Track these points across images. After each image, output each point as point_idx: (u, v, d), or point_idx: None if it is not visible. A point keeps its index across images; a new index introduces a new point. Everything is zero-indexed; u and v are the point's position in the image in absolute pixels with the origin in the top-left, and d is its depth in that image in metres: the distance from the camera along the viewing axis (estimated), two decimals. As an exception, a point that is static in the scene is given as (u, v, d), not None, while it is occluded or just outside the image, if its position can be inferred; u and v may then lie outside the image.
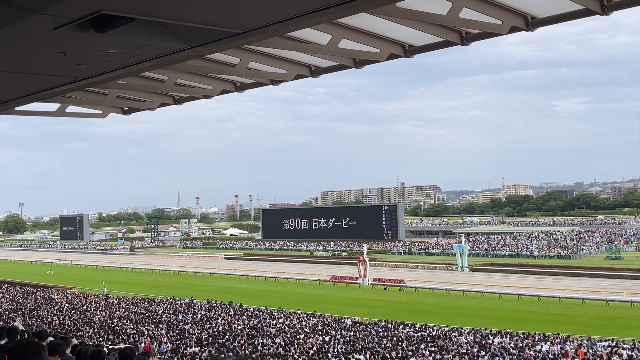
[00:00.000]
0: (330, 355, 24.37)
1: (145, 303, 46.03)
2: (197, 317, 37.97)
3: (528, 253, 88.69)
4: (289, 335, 29.88)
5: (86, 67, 7.96)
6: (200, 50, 7.37)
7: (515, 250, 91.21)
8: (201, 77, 11.55)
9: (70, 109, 12.90)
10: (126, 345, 19.63)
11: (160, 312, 40.57)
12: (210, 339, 28.35)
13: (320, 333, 30.98)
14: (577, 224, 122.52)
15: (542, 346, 27.04)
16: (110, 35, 6.07)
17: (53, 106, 12.66)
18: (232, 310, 40.93)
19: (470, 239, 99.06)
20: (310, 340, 28.27)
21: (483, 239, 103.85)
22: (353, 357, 23.77)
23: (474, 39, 8.96)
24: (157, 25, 6.20)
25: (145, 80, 11.53)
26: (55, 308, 43.61)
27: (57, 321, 35.29)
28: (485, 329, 32.49)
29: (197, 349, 25.02)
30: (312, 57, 10.32)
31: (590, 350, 26.41)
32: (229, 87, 11.99)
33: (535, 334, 30.95)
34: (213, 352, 24.51)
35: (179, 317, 37.64)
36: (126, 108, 13.62)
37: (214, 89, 11.97)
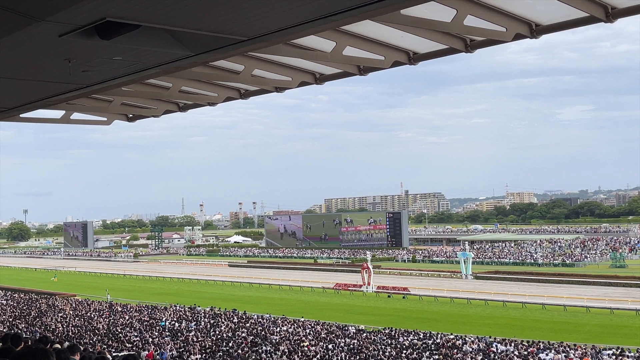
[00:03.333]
0: (334, 363, 24.31)
1: (149, 310, 46.02)
2: (200, 324, 37.93)
3: (532, 261, 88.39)
4: (292, 343, 29.82)
5: (91, 74, 7.98)
6: (205, 57, 7.39)
7: (520, 258, 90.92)
8: (206, 84, 11.57)
9: (75, 116, 12.92)
10: (129, 353, 19.61)
11: (164, 319, 40.54)
12: (214, 346, 28.29)
13: (323, 341, 30.91)
14: (581, 232, 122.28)
15: (546, 354, 26.93)
16: (116, 42, 6.10)
17: (58, 113, 12.69)
18: (235, 318, 40.88)
19: (475, 247, 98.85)
20: (314, 347, 28.20)
21: (487, 246, 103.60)
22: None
23: (478, 46, 8.96)
24: (162, 32, 6.22)
25: (149, 87, 11.55)
26: (60, 315, 43.62)
27: (61, 328, 35.29)
28: (490, 337, 32.38)
29: (199, 357, 24.99)
30: (316, 64, 10.33)
31: (595, 359, 26.30)
32: (234, 94, 12.00)
33: (539, 342, 30.82)
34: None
35: (183, 325, 37.61)
36: (131, 115, 13.64)
37: (218, 96, 11.99)
